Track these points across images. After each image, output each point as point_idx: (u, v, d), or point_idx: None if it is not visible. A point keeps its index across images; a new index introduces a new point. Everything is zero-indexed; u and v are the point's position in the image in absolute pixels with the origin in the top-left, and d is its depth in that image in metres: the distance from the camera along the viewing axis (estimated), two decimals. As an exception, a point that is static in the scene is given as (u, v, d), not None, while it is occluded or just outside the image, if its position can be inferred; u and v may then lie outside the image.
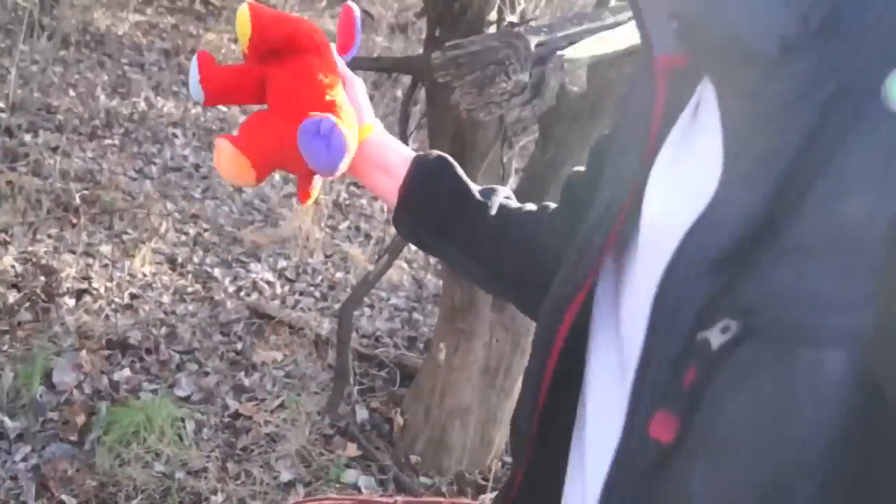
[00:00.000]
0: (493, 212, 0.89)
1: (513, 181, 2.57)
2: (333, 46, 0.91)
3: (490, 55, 1.45)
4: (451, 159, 0.93)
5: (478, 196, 0.90)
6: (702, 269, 0.46)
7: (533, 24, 1.67)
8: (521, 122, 1.64)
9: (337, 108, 0.84)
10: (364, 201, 4.87)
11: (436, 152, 0.94)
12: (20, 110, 4.39)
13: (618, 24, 1.78)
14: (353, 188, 5.03)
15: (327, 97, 0.85)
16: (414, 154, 0.92)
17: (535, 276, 0.85)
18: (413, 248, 4.48)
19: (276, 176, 4.82)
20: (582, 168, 0.84)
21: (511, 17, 1.84)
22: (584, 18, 1.76)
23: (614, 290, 0.63)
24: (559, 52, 1.57)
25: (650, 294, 0.50)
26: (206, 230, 3.98)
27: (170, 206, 4.01)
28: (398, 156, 0.91)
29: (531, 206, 0.93)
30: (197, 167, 4.61)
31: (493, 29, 1.67)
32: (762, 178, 0.45)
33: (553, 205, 0.92)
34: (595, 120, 2.18)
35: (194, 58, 0.88)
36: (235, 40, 0.81)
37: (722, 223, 0.46)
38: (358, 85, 0.91)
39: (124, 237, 3.63)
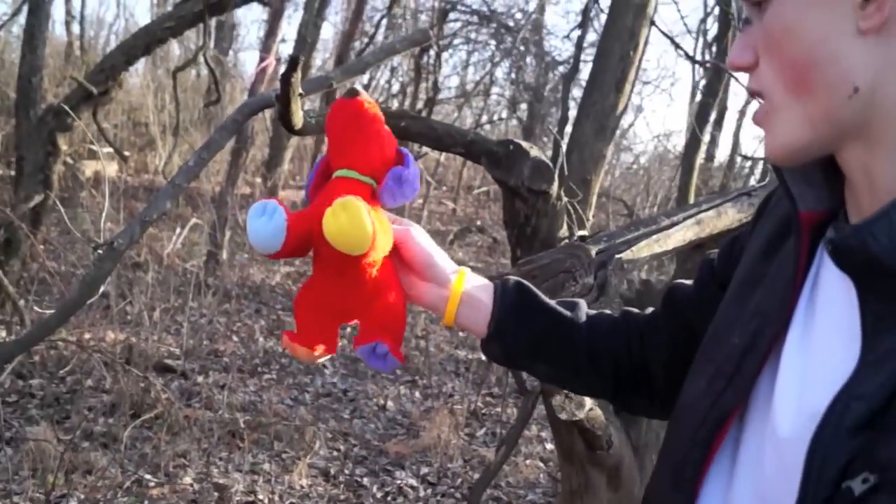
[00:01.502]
0: (583, 322, 0.95)
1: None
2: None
3: (558, 265, 1.67)
4: (528, 283, 0.95)
5: (564, 312, 0.94)
6: (844, 433, 0.56)
7: (595, 236, 1.86)
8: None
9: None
10: (499, 409, 5.18)
11: (513, 278, 0.96)
12: (192, 356, 5.07)
13: (673, 225, 1.95)
14: (489, 399, 5.37)
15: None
16: (490, 284, 0.95)
17: (632, 376, 0.95)
18: (549, 447, 4.73)
19: (417, 394, 5.26)
20: (688, 282, 0.96)
21: (581, 232, 1.98)
22: (641, 224, 1.94)
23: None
24: (617, 256, 1.77)
25: (801, 448, 0.59)
26: (354, 445, 4.38)
27: (322, 426, 4.46)
28: (476, 288, 0.93)
29: (609, 313, 1.00)
30: (345, 392, 5.09)
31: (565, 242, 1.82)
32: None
33: (634, 311, 1.00)
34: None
35: (275, 204, 0.82)
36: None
37: (861, 398, 0.56)
38: (419, 232, 0.92)
39: (283, 455, 4.06)
